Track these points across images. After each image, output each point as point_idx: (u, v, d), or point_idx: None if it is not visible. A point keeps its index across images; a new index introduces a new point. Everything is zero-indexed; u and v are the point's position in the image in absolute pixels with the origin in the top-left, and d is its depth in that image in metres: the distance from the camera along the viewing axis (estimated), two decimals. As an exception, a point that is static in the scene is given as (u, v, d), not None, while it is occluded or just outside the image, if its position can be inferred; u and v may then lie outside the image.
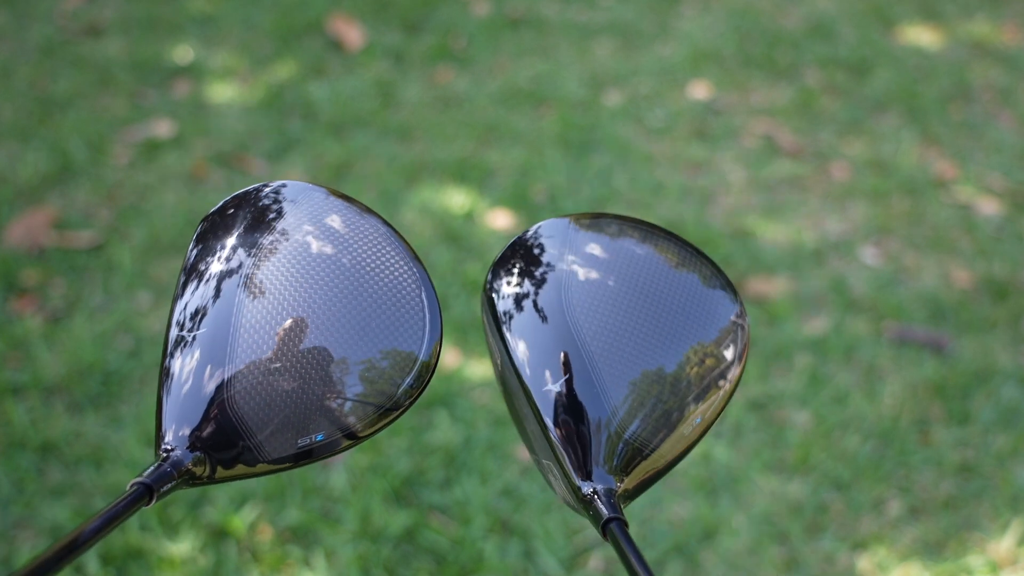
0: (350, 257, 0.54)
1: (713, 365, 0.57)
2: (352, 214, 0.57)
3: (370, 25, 3.25)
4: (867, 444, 1.81)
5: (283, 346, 0.52)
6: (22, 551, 1.55)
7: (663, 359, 0.56)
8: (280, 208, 0.57)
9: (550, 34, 3.28)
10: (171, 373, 0.52)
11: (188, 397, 0.51)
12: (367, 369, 0.52)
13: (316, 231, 0.55)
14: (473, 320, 2.03)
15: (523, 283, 0.60)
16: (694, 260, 0.61)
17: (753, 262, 2.25)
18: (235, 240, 0.56)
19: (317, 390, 0.51)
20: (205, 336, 0.52)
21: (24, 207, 2.32)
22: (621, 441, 0.54)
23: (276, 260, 0.54)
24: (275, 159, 2.56)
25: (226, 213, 0.58)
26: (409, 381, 0.52)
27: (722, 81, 3.03)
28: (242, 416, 0.51)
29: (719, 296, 0.60)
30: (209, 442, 0.50)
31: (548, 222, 0.63)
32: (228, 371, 0.51)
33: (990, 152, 2.72)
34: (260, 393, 0.51)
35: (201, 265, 0.56)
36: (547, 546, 1.59)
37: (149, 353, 1.93)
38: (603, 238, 0.62)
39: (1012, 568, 1.60)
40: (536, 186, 2.48)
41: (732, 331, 0.59)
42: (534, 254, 0.61)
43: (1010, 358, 2.00)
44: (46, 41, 3.07)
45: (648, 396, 0.55)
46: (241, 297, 0.53)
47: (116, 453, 1.71)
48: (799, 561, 1.60)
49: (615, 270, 0.59)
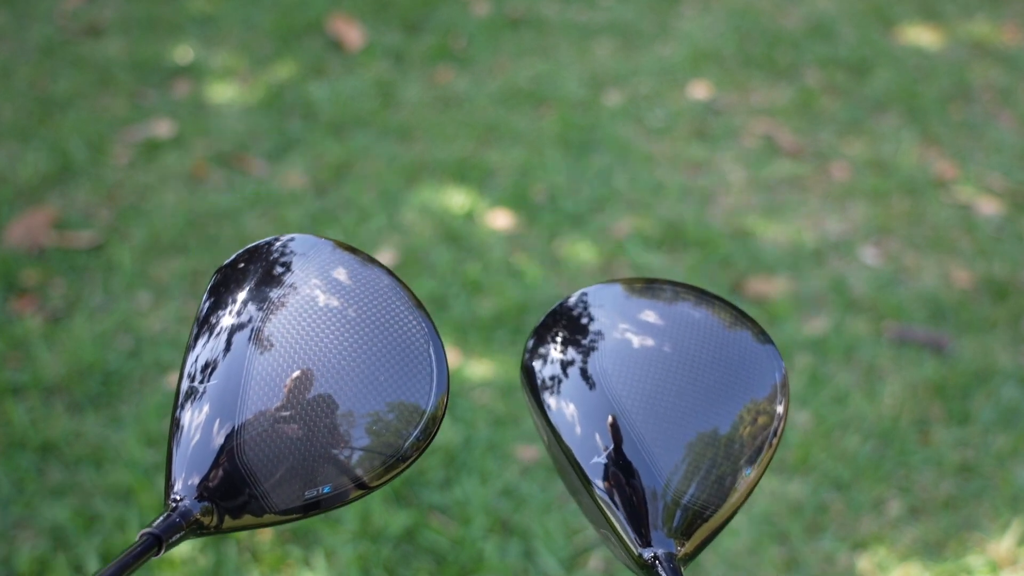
0: (356, 309, 0.55)
1: (765, 423, 0.57)
2: (357, 266, 0.58)
3: (370, 25, 3.25)
4: (867, 444, 1.81)
5: (291, 398, 0.53)
6: (22, 551, 1.55)
7: (713, 421, 0.56)
8: (288, 262, 0.59)
9: (550, 34, 3.28)
10: (181, 424, 0.54)
11: (197, 448, 0.52)
12: (374, 422, 0.53)
13: (323, 284, 0.56)
14: (473, 320, 2.03)
15: (562, 352, 0.60)
16: (737, 321, 0.61)
17: (753, 262, 2.25)
18: (245, 294, 0.57)
19: (324, 441, 0.52)
20: (215, 388, 0.54)
21: (24, 207, 2.32)
22: (679, 507, 0.54)
23: (284, 314, 0.55)
24: (275, 159, 2.56)
25: (237, 267, 0.60)
26: (416, 434, 0.53)
27: (722, 81, 3.03)
28: (249, 465, 0.51)
29: (764, 354, 0.60)
30: (217, 491, 0.51)
31: (591, 289, 0.64)
32: (237, 422, 0.52)
33: (990, 152, 2.72)
34: (267, 443, 0.52)
35: (212, 318, 0.57)
36: (547, 546, 1.59)
37: (149, 353, 1.93)
38: (643, 303, 0.62)
39: (1012, 568, 1.60)
40: (536, 186, 2.48)
41: (779, 388, 0.59)
42: (571, 323, 0.62)
43: (1010, 358, 2.00)
44: (46, 41, 3.07)
45: (702, 460, 0.55)
46: (250, 350, 0.54)
47: (116, 453, 1.71)
48: (799, 561, 1.60)
49: (652, 335, 0.59)
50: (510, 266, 2.20)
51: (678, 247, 2.29)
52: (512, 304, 2.06)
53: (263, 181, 2.47)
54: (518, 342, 1.99)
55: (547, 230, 2.33)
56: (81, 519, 1.60)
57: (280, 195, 2.41)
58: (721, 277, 2.20)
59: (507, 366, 1.93)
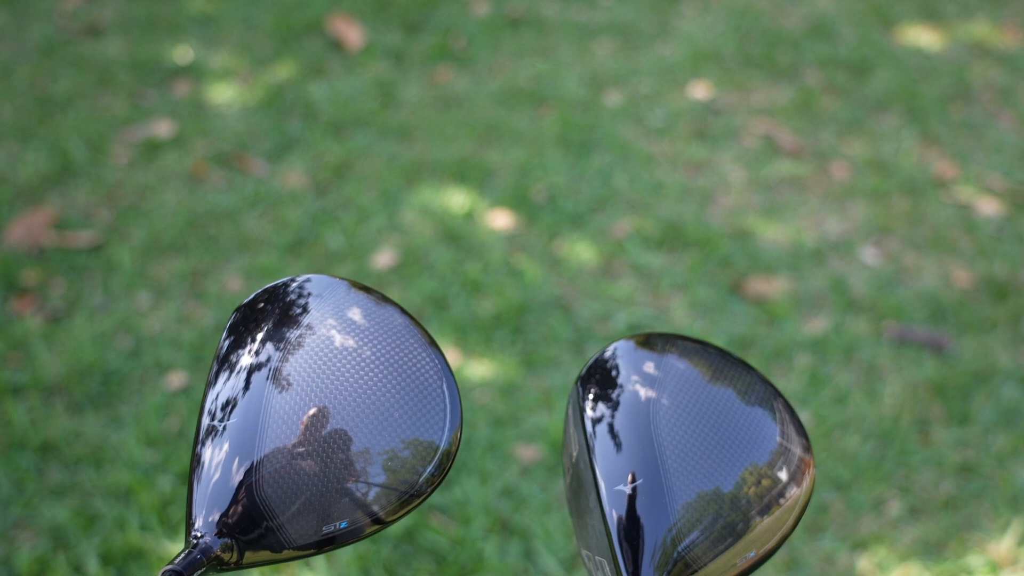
0: (371, 348, 0.57)
1: (770, 486, 0.60)
2: (371, 306, 0.60)
3: (370, 25, 3.25)
4: (867, 444, 1.81)
5: (308, 436, 0.54)
6: (22, 551, 1.55)
7: (728, 479, 0.59)
8: (305, 303, 0.61)
9: (550, 34, 3.28)
10: (202, 461, 0.55)
11: (217, 485, 0.54)
12: (390, 458, 0.54)
13: (338, 324, 0.58)
14: (473, 320, 2.03)
15: (617, 390, 0.64)
16: (765, 393, 0.66)
17: (753, 262, 2.25)
18: (264, 334, 0.59)
19: (340, 477, 0.54)
20: (234, 426, 0.55)
21: (24, 207, 2.32)
22: (675, 551, 0.57)
23: (302, 354, 0.57)
24: (275, 159, 2.56)
25: (256, 307, 0.61)
26: (431, 470, 0.55)
27: (722, 81, 3.03)
28: (267, 500, 0.53)
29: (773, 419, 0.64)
30: (236, 527, 0.53)
31: (654, 335, 0.68)
32: (255, 458, 0.54)
33: (990, 152, 2.72)
34: (285, 479, 0.53)
35: (232, 356, 0.59)
36: (547, 546, 1.59)
37: (149, 353, 1.93)
38: (698, 367, 0.65)
39: (1012, 568, 1.60)
40: (536, 186, 2.48)
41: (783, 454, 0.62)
42: (630, 365, 0.65)
43: (1010, 358, 2.00)
44: (46, 41, 3.07)
45: (708, 513, 0.58)
46: (269, 390, 0.56)
47: (116, 453, 1.71)
48: (799, 561, 1.60)
49: (698, 393, 0.63)
50: (510, 266, 2.20)
51: (678, 247, 2.29)
52: (512, 304, 2.06)
53: (263, 181, 2.47)
54: (518, 342, 1.99)
55: (547, 230, 2.33)
56: (81, 519, 1.60)
57: (280, 195, 2.41)
58: (721, 277, 2.20)
59: (507, 366, 1.93)
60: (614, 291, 2.14)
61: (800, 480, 0.61)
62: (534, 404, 1.85)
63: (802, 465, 0.62)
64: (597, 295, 2.13)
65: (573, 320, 2.06)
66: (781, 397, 0.65)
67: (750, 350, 2.00)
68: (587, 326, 2.05)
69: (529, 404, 1.85)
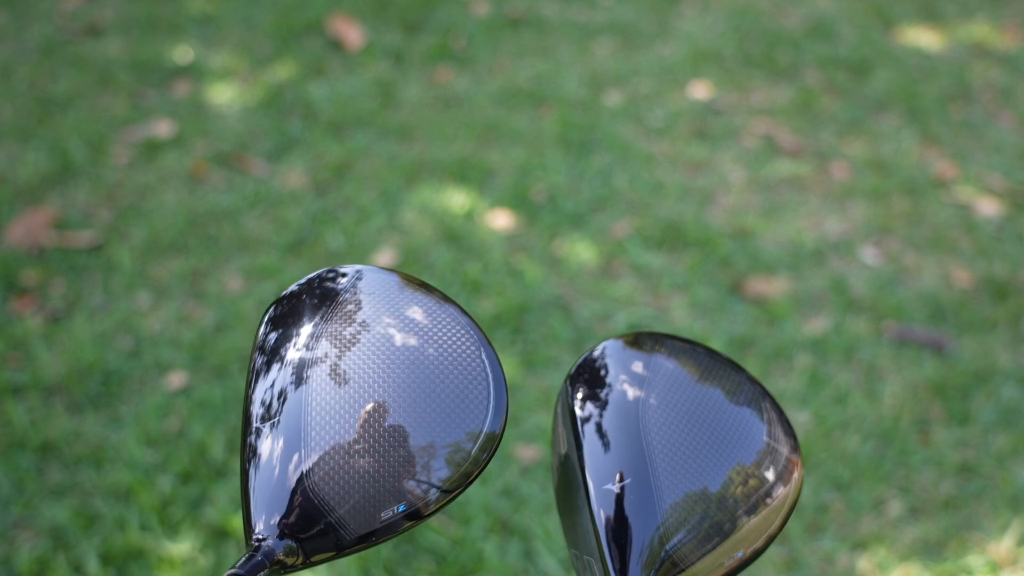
0: (435, 347, 0.57)
1: (757, 486, 0.60)
2: (432, 304, 0.60)
3: (370, 25, 3.25)
4: (867, 444, 1.81)
5: (364, 432, 0.54)
6: (22, 551, 1.55)
7: (715, 479, 0.60)
8: (358, 299, 0.60)
9: (550, 34, 3.28)
10: (257, 459, 0.54)
11: (275, 486, 0.53)
12: (447, 447, 0.55)
13: (396, 323, 0.58)
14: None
15: (606, 389, 0.64)
16: (753, 393, 0.65)
17: (753, 262, 2.25)
18: (314, 329, 0.58)
19: (398, 472, 0.54)
20: (289, 425, 0.54)
21: (24, 207, 2.32)
22: (663, 550, 0.57)
23: (359, 350, 0.56)
24: (275, 159, 2.56)
25: (301, 299, 0.60)
26: (479, 450, 0.56)
27: (722, 81, 3.03)
28: (323, 497, 0.53)
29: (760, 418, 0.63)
30: (296, 526, 0.52)
31: (644, 334, 0.68)
32: (313, 457, 0.53)
33: (990, 152, 2.72)
34: (340, 475, 0.53)
35: (282, 350, 0.58)
36: (547, 546, 1.59)
37: (149, 353, 1.93)
38: (688, 368, 0.65)
39: (1012, 568, 1.60)
40: (536, 186, 2.48)
41: (770, 454, 0.62)
42: (619, 364, 0.65)
43: (1010, 358, 2.00)
44: (46, 41, 3.07)
45: (695, 512, 0.58)
46: (325, 386, 0.55)
47: (116, 453, 1.71)
48: (799, 561, 1.60)
49: (688, 393, 0.63)
50: (510, 266, 2.20)
51: (678, 247, 2.29)
52: (512, 304, 2.06)
53: (263, 181, 2.47)
54: (518, 342, 1.99)
55: (547, 230, 2.33)
56: (81, 519, 1.60)
57: (280, 195, 2.41)
58: (721, 277, 2.20)
59: (507, 366, 1.93)
60: (614, 291, 2.14)
61: (787, 480, 0.61)
62: (534, 404, 1.85)
63: (789, 465, 0.62)
64: (597, 295, 2.13)
65: (573, 320, 2.06)
66: (769, 397, 0.65)
67: (750, 350, 2.00)
68: (587, 326, 2.05)
69: (529, 404, 1.85)
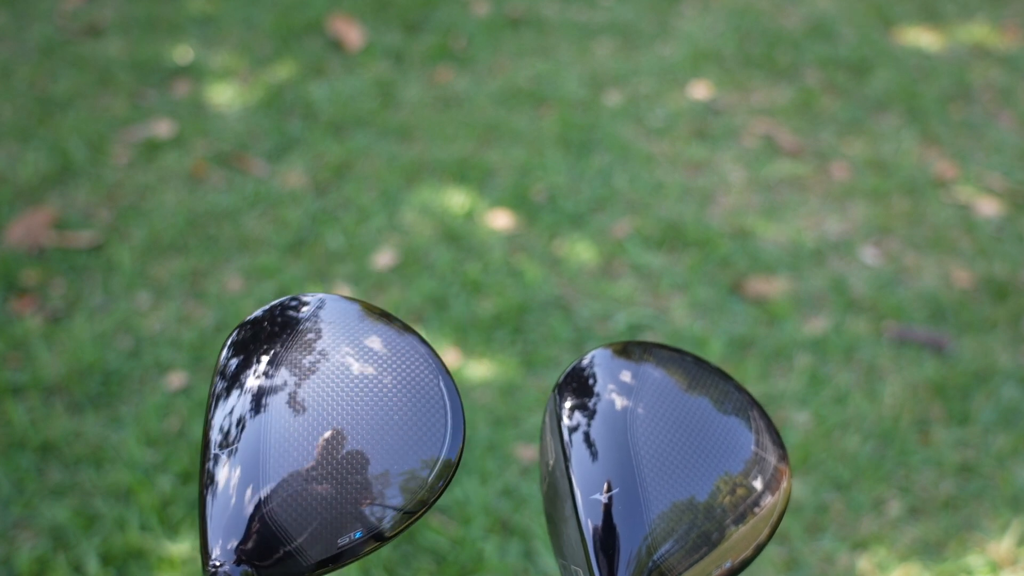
0: (391, 376, 0.58)
1: (744, 495, 0.60)
2: (392, 334, 0.60)
3: (370, 25, 3.25)
4: (867, 444, 1.81)
5: (322, 459, 0.55)
6: (22, 551, 1.55)
7: (703, 488, 0.60)
8: (318, 327, 0.60)
9: (550, 34, 3.28)
10: (214, 486, 0.55)
11: (233, 512, 0.54)
12: (403, 476, 0.56)
13: (354, 351, 0.59)
14: (473, 320, 2.03)
15: (595, 397, 0.64)
16: (741, 402, 0.65)
17: (753, 262, 2.25)
18: (274, 356, 0.59)
19: (355, 498, 0.54)
20: (247, 452, 0.55)
21: (24, 207, 2.32)
22: (651, 560, 0.57)
23: (317, 378, 0.57)
24: (275, 159, 2.56)
25: (263, 325, 0.61)
26: (434, 478, 0.58)
27: (722, 81, 3.03)
28: (282, 525, 0.53)
29: (748, 427, 0.64)
30: (254, 553, 0.53)
31: (631, 344, 0.68)
32: (270, 484, 0.54)
33: (990, 152, 2.72)
34: (298, 501, 0.54)
35: (241, 376, 0.58)
36: (547, 546, 1.59)
37: (149, 353, 1.93)
38: (675, 377, 0.65)
39: (1012, 568, 1.60)
40: (536, 186, 2.48)
41: (758, 463, 0.62)
42: (607, 373, 0.65)
43: (1010, 358, 2.00)
44: (46, 41, 3.07)
45: (683, 521, 0.58)
46: (283, 413, 0.56)
47: (116, 453, 1.71)
48: (799, 561, 1.60)
49: (675, 402, 0.63)
50: (510, 266, 2.20)
51: (678, 247, 2.29)
52: (512, 304, 2.06)
53: (263, 181, 2.47)
54: (518, 342, 1.99)
55: (547, 230, 2.33)
56: (81, 519, 1.60)
57: (280, 195, 2.41)
58: (721, 277, 2.20)
59: (507, 366, 1.93)
60: (614, 291, 2.14)
61: (775, 489, 0.61)
62: (534, 404, 1.85)
63: (777, 474, 0.62)
64: (597, 295, 2.13)
65: (573, 320, 2.06)
66: (757, 406, 0.65)
67: (750, 350, 2.00)
68: (587, 326, 2.05)
69: (529, 404, 1.85)
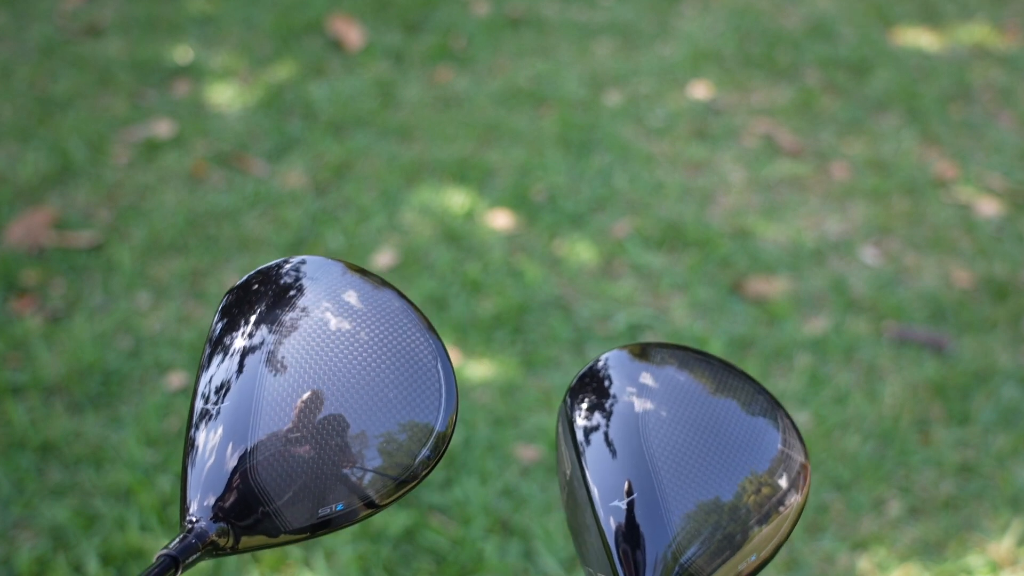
0: (367, 332, 0.56)
1: (770, 494, 0.60)
2: (369, 288, 0.59)
3: (370, 25, 3.25)
4: (867, 444, 1.81)
5: (303, 419, 0.54)
6: (22, 551, 1.55)
7: (726, 488, 0.59)
8: (300, 285, 0.60)
9: (550, 34, 3.28)
10: (195, 445, 0.55)
11: (212, 469, 0.53)
12: (385, 441, 0.54)
13: (335, 307, 0.58)
14: (473, 320, 2.03)
15: (605, 404, 0.63)
16: (767, 404, 0.65)
17: (753, 262, 2.25)
18: (257, 316, 0.58)
19: (336, 460, 0.53)
20: (228, 410, 0.55)
21: (24, 207, 2.32)
22: (677, 564, 0.56)
23: (297, 336, 0.57)
24: (275, 159, 2.56)
25: (249, 288, 0.60)
26: (426, 452, 0.55)
27: (722, 81, 3.03)
28: (263, 484, 0.53)
29: (774, 426, 0.63)
30: (232, 511, 0.52)
31: (635, 346, 0.68)
32: (250, 443, 0.53)
33: (990, 152, 2.72)
34: (280, 462, 0.53)
35: (226, 339, 0.58)
36: (547, 546, 1.59)
37: (149, 353, 1.93)
38: (684, 375, 0.65)
39: (1012, 568, 1.60)
40: (536, 186, 2.48)
41: (784, 461, 0.62)
42: (617, 378, 0.65)
43: (1010, 358, 2.00)
44: (46, 41, 3.07)
45: (707, 524, 0.58)
46: (263, 372, 0.55)
47: (116, 453, 1.71)
48: (799, 561, 1.60)
49: (690, 403, 0.63)
50: (510, 266, 2.20)
51: (678, 247, 2.29)
52: (512, 304, 2.06)
53: (263, 181, 2.47)
54: (518, 342, 1.99)
55: (547, 230, 2.33)
56: (81, 519, 1.60)
57: (280, 195, 2.41)
58: (721, 277, 2.20)
59: (507, 366, 1.93)
60: (614, 291, 2.14)
61: (800, 487, 0.61)
62: (534, 404, 1.85)
63: (803, 471, 0.62)
64: (597, 295, 2.13)
65: (573, 320, 2.06)
66: (781, 407, 0.65)
67: (750, 350, 2.00)
68: (587, 326, 2.05)
69: (529, 404, 1.85)
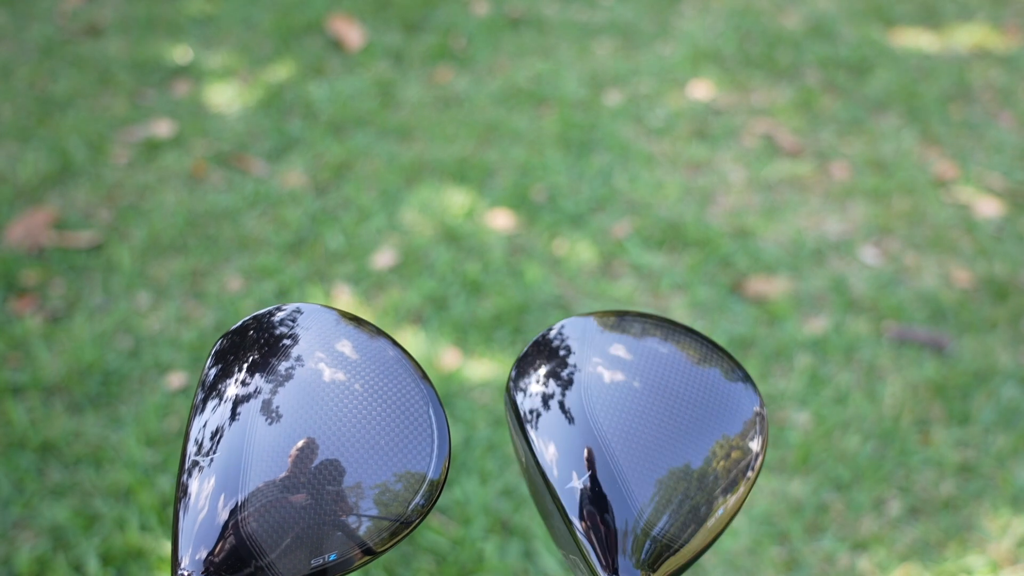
0: (362, 383, 0.57)
1: (739, 458, 0.58)
2: (364, 339, 0.59)
3: (370, 25, 3.25)
4: (867, 444, 1.81)
5: (296, 470, 0.54)
6: (22, 551, 1.55)
7: (688, 455, 0.57)
8: (295, 334, 0.60)
9: (550, 34, 3.28)
10: (188, 492, 0.55)
11: (204, 522, 0.53)
12: (381, 491, 0.54)
13: (328, 358, 0.58)
14: (473, 320, 2.03)
15: (546, 383, 0.62)
16: (712, 355, 0.62)
17: (753, 262, 2.25)
18: (251, 363, 0.58)
19: (330, 510, 0.53)
20: (221, 461, 0.54)
21: (24, 207, 2.32)
22: (648, 538, 0.55)
23: (291, 387, 0.56)
24: (275, 159, 2.56)
25: (245, 335, 0.60)
26: (419, 500, 0.55)
27: (722, 81, 3.03)
28: (255, 537, 0.52)
29: (740, 389, 0.61)
30: (224, 566, 0.52)
31: (570, 321, 0.65)
32: (242, 495, 0.53)
33: (990, 152, 2.72)
34: (272, 512, 0.53)
35: (220, 385, 0.58)
36: (547, 546, 1.59)
37: (149, 353, 1.93)
38: (624, 338, 0.63)
39: (1012, 568, 1.60)
40: (536, 186, 2.48)
41: (754, 423, 0.60)
42: (556, 354, 0.63)
43: (1010, 358, 2.00)
44: (46, 41, 3.07)
45: (675, 493, 0.56)
46: (257, 422, 0.55)
47: (116, 453, 1.71)
48: (799, 561, 1.60)
49: (636, 369, 0.61)
50: (510, 266, 2.20)
51: (678, 247, 2.29)
52: (512, 304, 2.06)
53: (263, 181, 2.47)
54: (518, 342, 1.99)
55: (547, 230, 2.33)
56: (81, 519, 1.60)
57: (280, 195, 2.41)
58: (721, 277, 2.20)
59: (507, 366, 1.93)
60: (614, 291, 2.14)
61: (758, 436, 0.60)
62: (534, 404, 1.85)
63: (759, 420, 0.60)
64: (597, 295, 2.13)
65: (573, 320, 2.06)
66: (719, 349, 0.63)
67: (750, 350, 2.00)
68: (587, 326, 2.05)
69: (529, 404, 1.85)
